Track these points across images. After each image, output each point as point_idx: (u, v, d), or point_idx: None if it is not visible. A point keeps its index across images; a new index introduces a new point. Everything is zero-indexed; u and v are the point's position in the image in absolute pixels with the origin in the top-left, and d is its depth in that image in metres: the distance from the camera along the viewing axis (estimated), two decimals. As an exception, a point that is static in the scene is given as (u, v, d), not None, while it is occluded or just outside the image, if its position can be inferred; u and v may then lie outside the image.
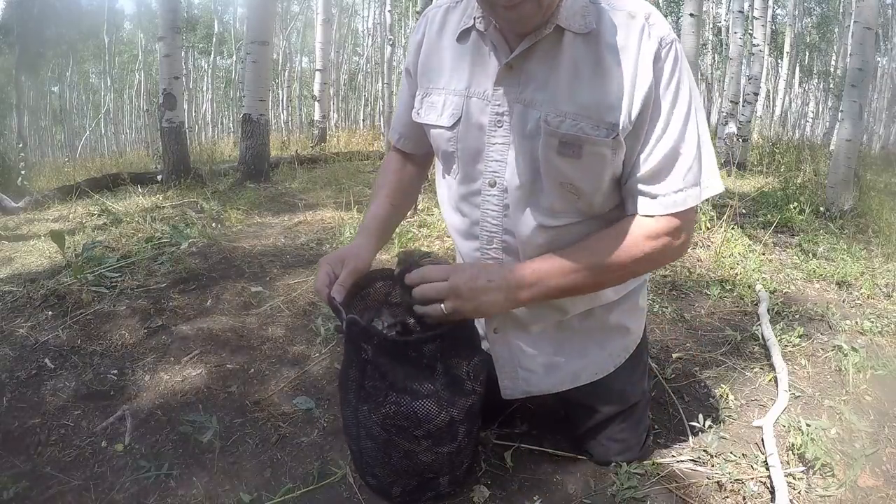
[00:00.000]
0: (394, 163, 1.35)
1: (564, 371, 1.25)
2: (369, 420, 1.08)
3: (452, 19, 1.14)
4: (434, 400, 1.05)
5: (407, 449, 1.09)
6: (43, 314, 2.02)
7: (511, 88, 1.06)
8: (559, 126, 1.02)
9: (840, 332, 2.05)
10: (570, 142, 1.02)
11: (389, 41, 7.84)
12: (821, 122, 17.79)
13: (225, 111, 25.83)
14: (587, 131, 1.01)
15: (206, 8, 24.79)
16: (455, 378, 1.08)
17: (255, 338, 1.92)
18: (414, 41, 1.22)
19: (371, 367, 1.06)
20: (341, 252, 1.16)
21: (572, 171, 1.04)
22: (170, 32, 5.15)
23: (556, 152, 1.03)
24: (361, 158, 7.20)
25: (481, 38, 1.09)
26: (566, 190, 1.07)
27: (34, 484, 1.25)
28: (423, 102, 1.17)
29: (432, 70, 1.17)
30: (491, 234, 1.14)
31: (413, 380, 1.04)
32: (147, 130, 18.25)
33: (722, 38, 14.60)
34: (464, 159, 1.14)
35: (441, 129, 1.14)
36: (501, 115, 1.07)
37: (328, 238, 3.13)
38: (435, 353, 1.05)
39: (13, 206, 4.52)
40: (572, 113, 1.02)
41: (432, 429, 1.06)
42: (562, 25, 1.00)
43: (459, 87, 1.12)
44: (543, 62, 1.03)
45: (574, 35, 1.01)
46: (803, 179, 5.31)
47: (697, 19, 3.65)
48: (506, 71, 1.05)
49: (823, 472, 1.29)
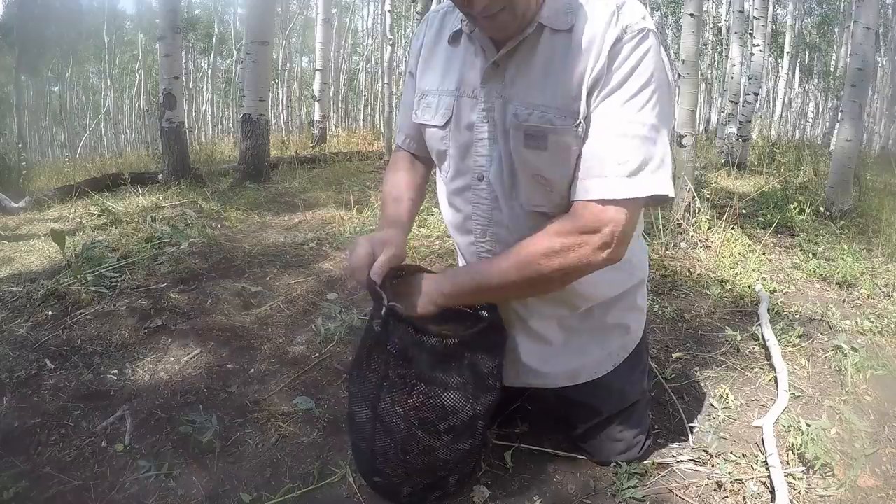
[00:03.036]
0: (404, 161, 1.36)
1: (564, 367, 1.27)
2: (391, 413, 1.08)
3: (448, 23, 1.19)
4: (461, 393, 1.07)
5: (426, 445, 1.09)
6: (43, 314, 2.01)
7: (495, 85, 1.09)
8: (527, 119, 1.05)
9: (840, 332, 2.05)
10: (534, 133, 1.05)
11: (389, 41, 7.84)
12: (821, 122, 17.79)
13: (225, 111, 25.80)
14: (553, 122, 1.03)
15: (206, 8, 24.81)
16: (480, 374, 1.10)
17: (255, 338, 1.92)
18: (415, 46, 1.26)
19: (395, 357, 1.06)
20: (382, 236, 1.13)
21: (540, 162, 1.06)
22: (170, 32, 5.15)
23: (524, 145, 1.06)
24: (361, 158, 7.20)
25: (469, 39, 1.13)
26: (538, 182, 1.08)
27: (34, 484, 1.25)
28: (420, 104, 1.21)
29: (428, 72, 1.21)
30: (483, 227, 1.18)
31: (441, 372, 1.06)
32: (147, 130, 18.26)
33: (722, 38, 14.60)
34: (455, 156, 1.17)
35: (435, 128, 1.18)
36: (487, 111, 1.10)
37: (328, 238, 3.13)
38: (463, 349, 1.08)
39: (13, 206, 4.52)
40: (542, 105, 1.04)
41: (456, 422, 1.08)
42: (544, 23, 1.03)
43: (451, 87, 1.16)
44: (522, 59, 1.07)
45: (552, 31, 1.04)
46: (803, 179, 5.31)
47: (697, 19, 3.65)
48: (492, 69, 1.09)
49: (823, 472, 1.29)
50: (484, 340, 1.12)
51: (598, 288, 1.22)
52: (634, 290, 1.30)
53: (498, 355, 1.16)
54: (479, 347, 1.10)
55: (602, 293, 1.24)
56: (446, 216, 1.29)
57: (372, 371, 1.10)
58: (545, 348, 1.26)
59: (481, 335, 1.11)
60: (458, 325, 1.18)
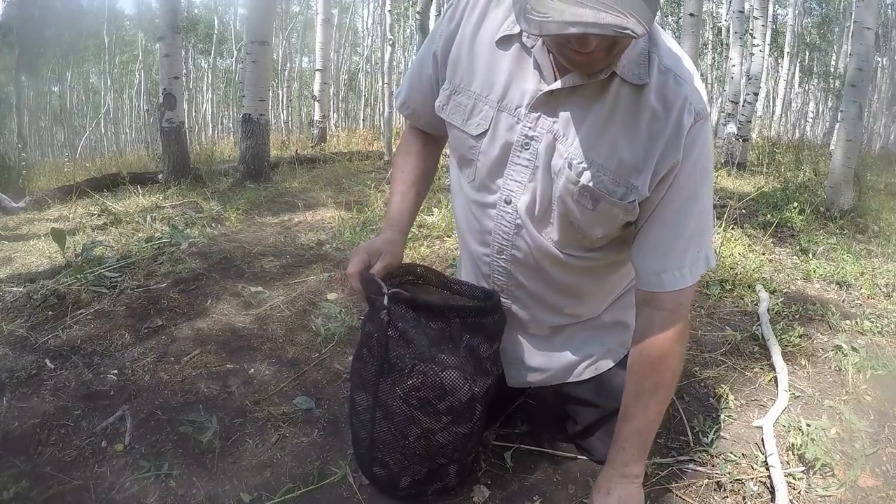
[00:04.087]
0: (415, 144, 1.30)
1: (564, 365, 1.28)
2: (391, 395, 1.09)
3: (494, 17, 1.07)
4: (460, 372, 1.08)
5: (426, 427, 1.10)
6: (43, 314, 2.01)
7: (547, 117, 1.03)
8: (580, 175, 1.01)
9: (840, 332, 2.05)
10: (589, 194, 1.02)
11: (389, 41, 7.84)
12: (821, 122, 17.80)
13: (225, 111, 25.81)
14: (607, 186, 1.01)
15: (206, 8, 24.81)
16: (478, 356, 1.11)
17: (255, 338, 1.92)
18: (447, 28, 1.13)
19: (395, 341, 1.07)
20: (377, 243, 1.15)
21: (582, 217, 1.05)
22: (170, 32, 5.15)
23: (573, 199, 1.04)
24: (361, 158, 7.19)
25: (524, 51, 1.04)
26: (573, 229, 1.08)
27: (34, 484, 1.25)
28: (450, 100, 1.13)
29: (464, 68, 1.10)
30: (501, 245, 1.15)
31: (440, 351, 1.07)
32: (147, 130, 18.27)
33: (722, 38, 14.60)
34: (483, 170, 1.12)
35: (465, 135, 1.12)
36: (531, 139, 1.05)
37: (328, 238, 3.13)
38: (461, 328, 1.08)
39: (13, 206, 4.51)
40: (597, 163, 1.00)
41: (455, 402, 1.09)
42: (617, 73, 0.97)
43: (492, 96, 1.07)
44: (585, 100, 1.00)
45: (622, 82, 0.98)
46: (803, 179, 5.31)
47: (697, 19, 3.65)
48: (545, 97, 1.02)
49: (823, 472, 1.29)
50: (483, 322, 1.11)
51: (606, 300, 1.28)
52: (632, 290, 1.30)
53: (496, 341, 1.16)
54: (477, 330, 1.10)
55: (607, 302, 1.28)
56: (462, 220, 1.23)
57: (372, 356, 1.11)
58: (545, 346, 1.28)
59: (480, 313, 1.11)
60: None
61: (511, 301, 1.22)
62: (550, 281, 1.18)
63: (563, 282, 1.18)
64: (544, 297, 1.21)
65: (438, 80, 1.17)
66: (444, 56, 1.14)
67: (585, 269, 1.17)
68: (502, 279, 1.20)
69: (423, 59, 1.20)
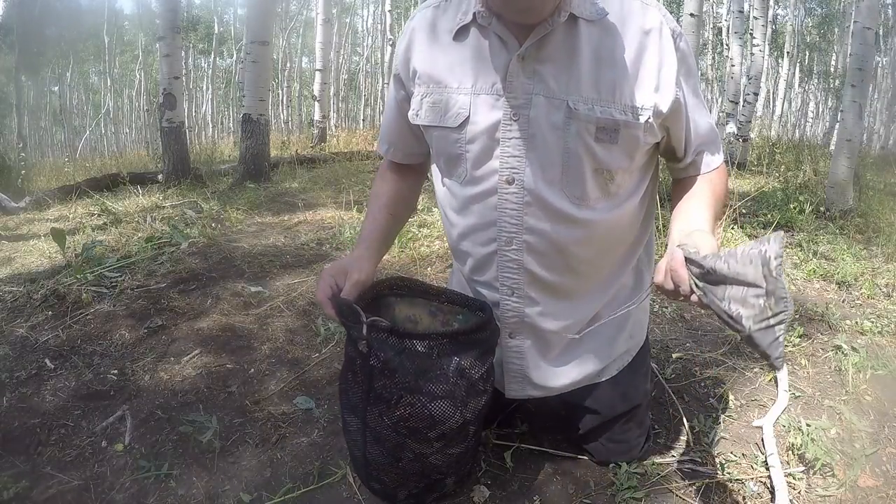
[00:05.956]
0: (389, 173, 1.31)
1: (570, 375, 1.24)
2: (380, 423, 1.06)
3: (445, 19, 1.11)
4: (450, 401, 1.03)
5: (418, 451, 1.07)
6: (43, 314, 2.02)
7: (527, 80, 1.03)
8: (590, 111, 1.02)
9: (840, 332, 2.05)
10: (606, 126, 1.03)
11: (389, 41, 7.85)
12: (821, 122, 17.80)
13: (225, 111, 25.82)
14: (616, 116, 1.03)
15: (206, 8, 24.82)
16: (469, 378, 1.05)
17: (255, 338, 1.92)
18: (401, 47, 1.17)
19: (379, 369, 1.02)
20: (343, 263, 1.13)
21: (608, 155, 1.05)
22: (170, 32, 5.15)
23: (594, 139, 1.04)
24: (361, 158, 7.20)
25: (482, 32, 1.06)
26: (600, 175, 1.07)
27: (34, 484, 1.25)
28: (423, 103, 1.12)
29: (428, 72, 1.12)
30: (510, 234, 1.11)
31: (427, 381, 1.02)
32: (147, 130, 18.28)
33: (722, 38, 14.60)
34: (473, 159, 1.10)
35: (446, 129, 1.10)
36: (518, 108, 1.04)
37: (328, 238, 3.13)
38: (452, 351, 1.04)
39: (13, 206, 4.52)
40: (599, 99, 1.02)
41: (446, 430, 1.05)
42: (575, 13, 1.00)
43: (465, 85, 1.08)
44: (561, 51, 1.02)
45: (587, 22, 1.01)
46: (803, 179, 5.31)
47: (697, 19, 3.65)
48: (518, 63, 1.02)
49: (823, 472, 1.29)
50: (474, 339, 1.07)
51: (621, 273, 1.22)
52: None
53: (489, 356, 1.11)
54: (468, 348, 1.05)
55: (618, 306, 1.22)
56: (457, 225, 1.19)
57: (357, 384, 1.07)
58: (554, 358, 1.23)
59: (472, 332, 1.06)
60: (447, 325, 1.18)
61: (523, 303, 1.16)
62: (565, 260, 1.13)
63: (579, 255, 1.13)
64: (558, 283, 1.15)
65: (407, 95, 1.18)
66: (405, 72, 1.17)
67: (601, 233, 1.12)
68: (514, 276, 1.14)
69: (391, 89, 1.25)
